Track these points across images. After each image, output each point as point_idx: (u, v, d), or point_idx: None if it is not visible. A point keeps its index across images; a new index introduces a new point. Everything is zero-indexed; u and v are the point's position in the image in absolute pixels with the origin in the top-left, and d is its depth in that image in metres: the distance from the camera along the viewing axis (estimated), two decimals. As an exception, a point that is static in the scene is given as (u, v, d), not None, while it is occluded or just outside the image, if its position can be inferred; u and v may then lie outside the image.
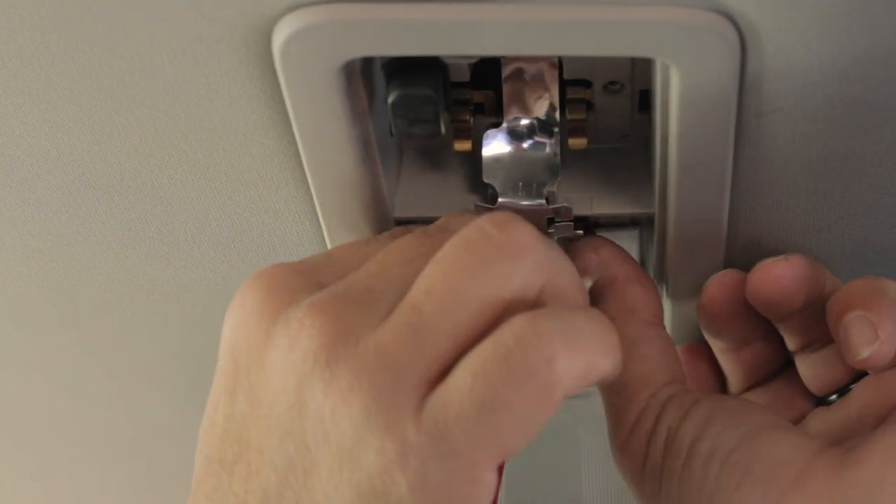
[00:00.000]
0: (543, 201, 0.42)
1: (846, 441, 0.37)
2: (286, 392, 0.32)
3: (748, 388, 0.45)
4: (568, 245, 0.43)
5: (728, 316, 0.42)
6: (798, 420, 0.42)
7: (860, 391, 0.40)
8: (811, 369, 0.42)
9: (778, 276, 0.40)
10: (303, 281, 0.34)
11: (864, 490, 0.35)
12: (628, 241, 0.47)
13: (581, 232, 0.43)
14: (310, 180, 0.40)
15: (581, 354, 0.32)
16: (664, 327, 0.42)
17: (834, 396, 0.42)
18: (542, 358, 0.31)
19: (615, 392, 0.41)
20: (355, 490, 0.31)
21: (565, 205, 0.42)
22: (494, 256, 0.33)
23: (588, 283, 0.43)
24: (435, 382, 0.31)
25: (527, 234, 0.33)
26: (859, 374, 0.41)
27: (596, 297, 0.42)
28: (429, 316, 0.32)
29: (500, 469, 0.33)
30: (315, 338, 0.32)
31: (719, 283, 0.42)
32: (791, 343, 0.42)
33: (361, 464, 0.31)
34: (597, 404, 0.43)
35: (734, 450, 0.37)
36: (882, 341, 0.37)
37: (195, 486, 0.34)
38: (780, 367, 0.44)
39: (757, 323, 0.42)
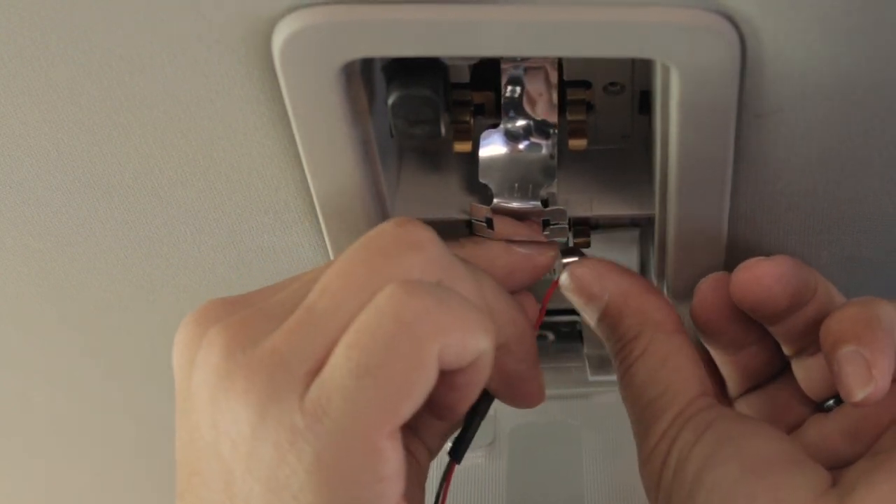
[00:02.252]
0: (538, 203, 0.42)
1: (842, 458, 0.38)
2: (204, 410, 0.33)
3: (746, 392, 0.44)
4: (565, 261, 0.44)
5: (720, 319, 0.42)
6: (796, 425, 0.42)
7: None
8: (807, 374, 0.42)
9: (760, 275, 0.40)
10: (228, 308, 0.35)
11: None
12: (628, 243, 0.47)
13: (574, 259, 0.43)
14: (310, 181, 0.40)
15: (452, 312, 0.32)
16: (687, 335, 0.42)
17: (831, 402, 0.42)
18: (412, 312, 0.31)
19: (644, 404, 0.40)
20: (265, 486, 0.31)
21: (560, 207, 0.42)
22: (389, 251, 0.33)
23: (597, 309, 0.43)
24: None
25: (423, 231, 0.34)
26: None
27: (613, 317, 0.42)
28: (321, 311, 0.33)
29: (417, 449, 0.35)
30: (218, 352, 0.33)
31: (710, 286, 0.42)
32: (786, 348, 0.42)
33: (263, 460, 0.31)
34: (598, 404, 0.43)
35: (736, 483, 0.36)
36: (876, 380, 0.37)
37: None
38: (778, 371, 0.44)
39: (752, 327, 0.42)
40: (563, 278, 0.43)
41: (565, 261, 0.43)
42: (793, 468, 0.37)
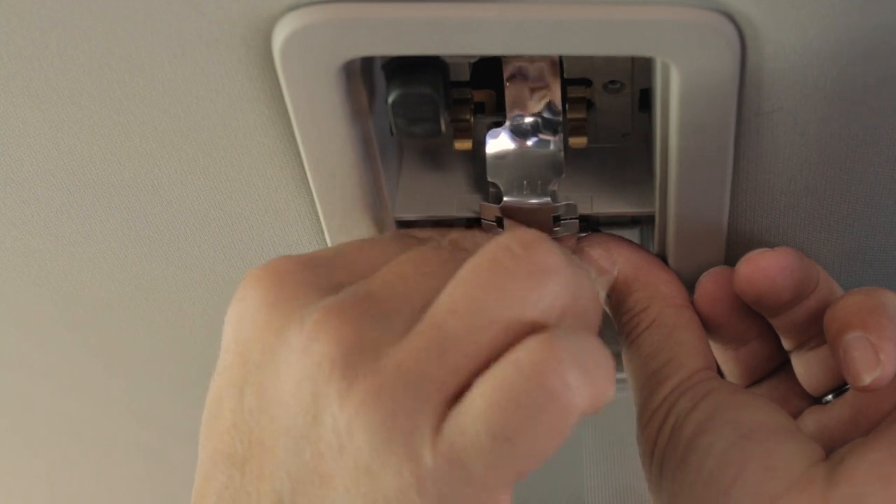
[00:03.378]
0: (549, 199, 0.42)
1: (839, 447, 0.37)
2: (300, 397, 0.32)
3: (746, 387, 0.45)
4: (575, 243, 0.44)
5: (722, 312, 0.42)
6: (795, 418, 0.42)
7: (855, 394, 0.40)
8: (807, 369, 0.42)
9: (764, 266, 0.40)
10: (312, 278, 0.34)
11: None
12: (628, 240, 0.47)
13: (584, 234, 0.43)
14: (310, 180, 0.40)
15: (593, 380, 0.31)
16: (695, 311, 0.42)
17: (829, 396, 0.42)
18: (560, 382, 0.30)
19: (648, 374, 0.41)
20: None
21: (571, 202, 0.42)
22: (520, 277, 0.32)
23: (606, 282, 0.43)
24: (453, 402, 0.31)
25: (553, 255, 0.33)
26: None
27: (623, 290, 0.43)
28: (452, 335, 0.31)
29: None
30: (332, 345, 0.31)
31: (711, 280, 0.42)
32: (786, 342, 0.42)
33: (378, 483, 0.30)
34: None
35: (730, 447, 0.37)
36: (884, 365, 0.37)
37: (203, 478, 0.34)
38: (779, 366, 0.44)
39: (753, 321, 0.42)
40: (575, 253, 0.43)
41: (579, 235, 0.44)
42: (786, 438, 0.37)
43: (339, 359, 0.31)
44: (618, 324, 0.43)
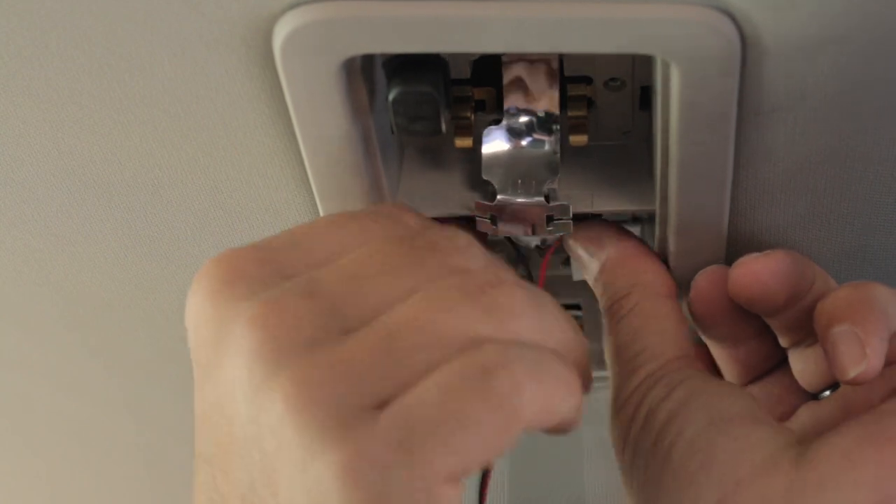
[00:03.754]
0: (542, 199, 0.42)
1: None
2: (241, 397, 0.31)
3: (744, 385, 0.45)
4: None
5: (717, 312, 0.42)
6: (790, 416, 0.42)
7: (848, 388, 0.40)
8: (803, 366, 0.42)
9: (756, 271, 0.40)
10: (261, 269, 0.32)
11: (812, 493, 0.35)
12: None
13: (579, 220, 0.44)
14: (311, 179, 0.40)
15: (545, 390, 0.31)
16: (678, 303, 0.42)
17: (826, 393, 0.42)
18: (511, 383, 0.30)
19: (624, 360, 0.41)
20: (309, 499, 0.29)
21: (564, 202, 0.42)
22: (489, 312, 0.32)
23: (596, 264, 0.44)
24: (389, 403, 0.30)
25: (521, 299, 0.32)
26: None
27: (608, 276, 0.43)
28: (404, 345, 0.31)
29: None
30: (266, 340, 0.30)
31: (706, 279, 0.42)
32: (783, 340, 0.42)
33: (316, 474, 0.29)
34: (599, 401, 0.43)
35: (700, 433, 0.37)
36: (869, 358, 0.37)
37: (195, 480, 0.34)
38: (777, 364, 0.44)
39: (750, 320, 0.42)
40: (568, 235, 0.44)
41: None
42: (755, 424, 0.37)
43: (269, 354, 0.30)
44: (602, 310, 0.43)
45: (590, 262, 0.44)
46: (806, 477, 0.35)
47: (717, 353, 0.45)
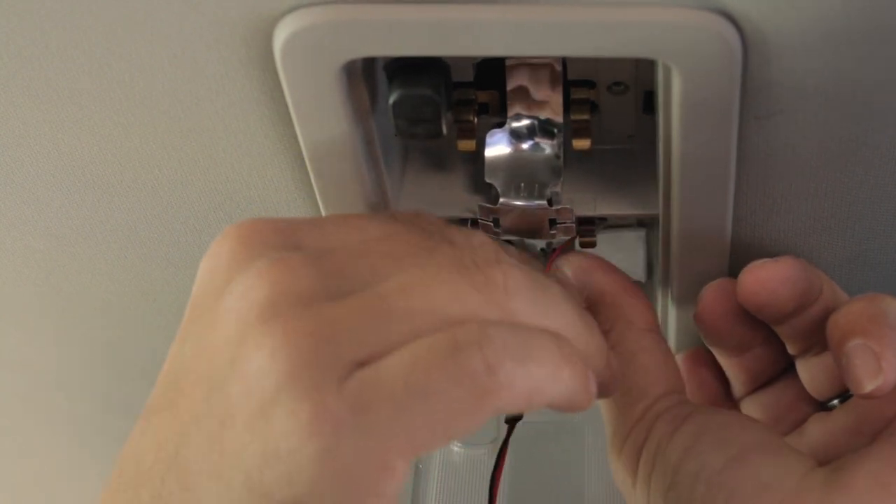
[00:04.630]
0: (545, 202, 0.41)
1: (844, 454, 0.37)
2: (226, 341, 0.31)
3: (751, 393, 0.44)
4: (546, 257, 0.44)
5: (724, 324, 0.42)
6: (799, 424, 0.42)
7: (860, 400, 0.40)
8: (811, 374, 0.42)
9: (765, 278, 0.40)
10: (280, 238, 0.33)
11: None
12: (634, 243, 0.47)
13: (574, 237, 0.44)
14: (312, 181, 0.40)
15: (528, 373, 0.31)
16: (661, 335, 0.42)
17: (835, 401, 0.42)
18: (483, 363, 0.30)
19: (613, 402, 0.40)
20: (261, 448, 0.29)
21: (567, 206, 0.42)
22: (476, 277, 0.32)
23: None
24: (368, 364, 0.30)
25: (517, 279, 0.32)
26: None
27: (591, 311, 0.41)
28: (393, 309, 0.31)
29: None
30: (265, 289, 0.31)
31: (713, 292, 0.42)
32: (791, 348, 0.42)
33: (274, 423, 0.29)
34: (600, 401, 0.42)
35: (721, 471, 0.36)
36: (885, 373, 0.37)
37: (132, 433, 0.33)
38: (783, 371, 0.44)
39: (757, 328, 0.42)
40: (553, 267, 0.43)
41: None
42: (774, 453, 0.37)
43: (267, 302, 0.30)
44: None
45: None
46: (841, 502, 0.35)
47: (724, 361, 0.44)
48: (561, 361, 0.32)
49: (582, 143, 0.42)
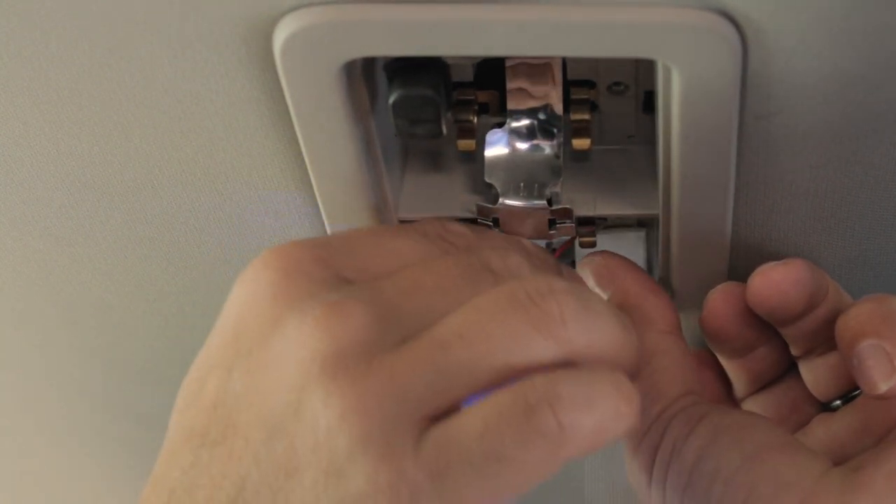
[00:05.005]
0: (545, 202, 0.41)
1: (849, 455, 0.37)
2: (286, 388, 0.31)
3: (753, 393, 0.44)
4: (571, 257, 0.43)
5: (730, 327, 0.42)
6: (803, 424, 0.42)
7: (865, 401, 0.40)
8: (815, 375, 0.42)
9: (777, 280, 0.40)
10: (322, 270, 0.33)
11: None
12: (635, 243, 0.47)
13: (574, 237, 0.44)
14: (312, 181, 0.40)
15: (594, 419, 0.31)
16: (682, 336, 0.42)
17: (838, 402, 0.42)
18: (555, 422, 0.30)
19: None
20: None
21: (567, 206, 0.42)
22: (538, 325, 0.32)
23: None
24: (434, 421, 0.31)
25: (571, 308, 0.32)
26: None
27: None
28: (454, 359, 0.31)
29: None
30: (328, 342, 0.31)
31: (720, 297, 0.42)
32: (795, 349, 0.42)
33: (349, 484, 0.30)
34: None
35: (738, 470, 0.37)
36: None
37: (168, 453, 0.33)
38: (786, 371, 0.44)
39: (760, 329, 0.42)
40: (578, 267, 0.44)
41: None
42: (791, 453, 0.37)
43: (332, 357, 0.31)
44: None
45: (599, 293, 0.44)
46: (857, 502, 0.35)
47: (727, 362, 0.44)
48: (621, 401, 0.32)
49: (582, 143, 0.42)
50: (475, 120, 0.42)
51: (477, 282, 0.33)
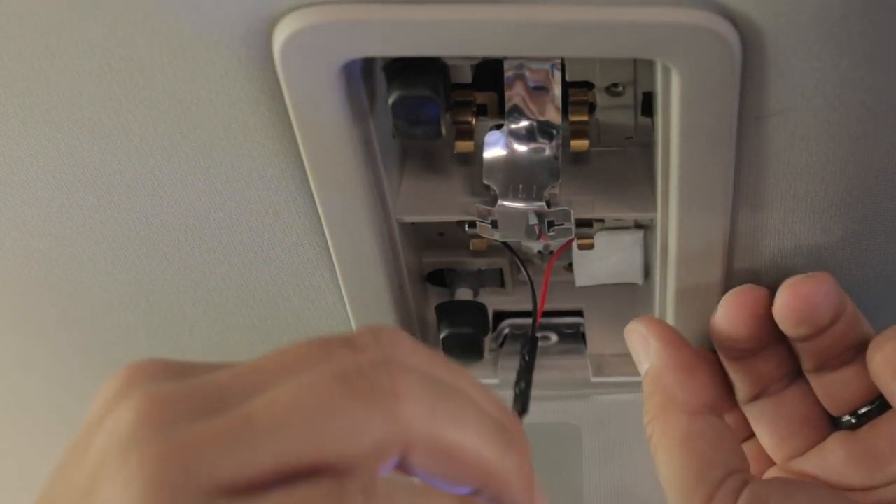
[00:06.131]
0: (543, 204, 0.41)
1: (870, 477, 0.38)
2: (87, 476, 0.29)
3: (755, 399, 0.44)
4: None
5: (744, 331, 0.42)
6: (815, 441, 0.42)
7: (889, 422, 0.40)
8: (826, 390, 0.42)
9: (807, 293, 0.39)
10: (168, 373, 0.31)
11: None
12: (632, 245, 0.47)
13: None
14: (311, 181, 0.40)
15: None
16: (717, 412, 0.42)
17: (848, 417, 0.42)
18: None
19: (672, 488, 0.40)
20: None
21: (565, 208, 0.42)
22: (363, 397, 0.28)
23: (643, 369, 0.43)
24: (237, 495, 0.27)
25: (417, 385, 0.29)
26: (878, 396, 0.41)
27: (649, 388, 0.42)
28: (258, 428, 0.28)
29: None
30: (130, 421, 0.28)
31: (737, 298, 0.41)
32: (808, 363, 0.42)
33: None
34: (599, 405, 0.42)
35: None
36: None
37: None
38: (789, 379, 0.44)
39: (769, 334, 0.42)
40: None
41: None
42: None
43: (128, 432, 0.28)
44: (644, 422, 0.43)
45: (638, 363, 0.43)
46: None
47: (729, 365, 0.44)
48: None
49: (580, 145, 0.42)
50: (474, 121, 0.42)
51: (319, 362, 0.30)
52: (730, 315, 0.42)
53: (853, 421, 0.42)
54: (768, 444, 0.44)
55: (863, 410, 0.41)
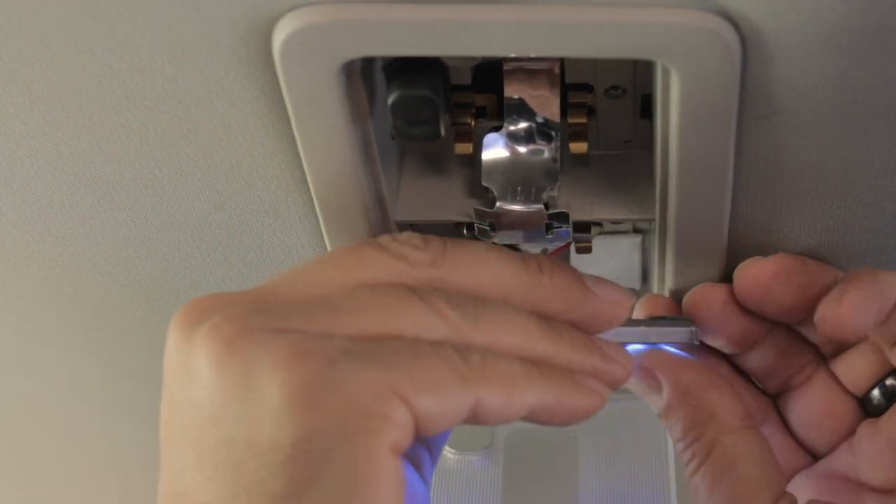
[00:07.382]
0: (542, 206, 0.41)
1: None
2: (208, 380, 0.33)
3: (779, 393, 0.44)
4: None
5: (723, 317, 0.42)
6: (845, 434, 0.42)
7: None
8: (848, 369, 0.42)
9: (756, 274, 0.40)
10: (233, 298, 0.34)
11: None
12: (630, 248, 0.47)
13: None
14: (310, 181, 0.40)
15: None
16: (754, 427, 0.40)
17: (875, 391, 0.42)
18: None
19: None
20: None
21: (564, 210, 0.42)
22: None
23: (659, 403, 0.42)
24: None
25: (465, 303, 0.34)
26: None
27: (674, 414, 0.41)
28: (339, 312, 0.33)
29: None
30: (229, 325, 0.32)
31: (705, 287, 0.42)
32: (825, 348, 0.42)
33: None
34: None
35: None
36: None
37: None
38: (802, 377, 0.44)
39: (757, 326, 0.42)
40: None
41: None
42: None
43: (235, 331, 0.32)
44: (676, 451, 0.41)
45: (651, 399, 0.42)
46: None
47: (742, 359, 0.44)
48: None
49: (579, 147, 0.42)
50: (473, 123, 0.42)
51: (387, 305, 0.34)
52: (697, 300, 0.42)
53: (881, 398, 0.41)
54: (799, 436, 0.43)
55: (889, 382, 0.41)
